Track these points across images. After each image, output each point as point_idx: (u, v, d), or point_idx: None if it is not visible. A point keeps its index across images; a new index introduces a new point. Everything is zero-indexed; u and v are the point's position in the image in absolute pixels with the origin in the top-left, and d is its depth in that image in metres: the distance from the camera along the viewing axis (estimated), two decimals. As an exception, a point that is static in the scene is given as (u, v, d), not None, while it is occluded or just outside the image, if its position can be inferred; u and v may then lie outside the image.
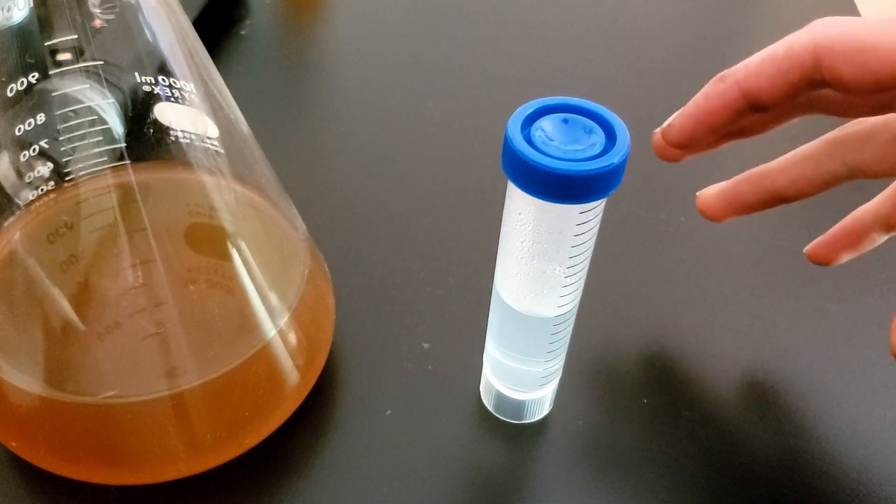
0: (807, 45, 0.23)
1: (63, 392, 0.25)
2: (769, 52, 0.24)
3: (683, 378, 0.32)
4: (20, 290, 0.27)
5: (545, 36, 0.53)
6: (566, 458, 0.29)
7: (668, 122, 0.27)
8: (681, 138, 0.26)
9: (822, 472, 0.29)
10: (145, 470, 0.27)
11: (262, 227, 0.30)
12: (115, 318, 0.27)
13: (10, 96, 0.23)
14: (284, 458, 0.29)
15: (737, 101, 0.25)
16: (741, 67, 0.25)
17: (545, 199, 0.22)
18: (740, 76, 0.25)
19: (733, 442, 0.30)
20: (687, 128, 0.26)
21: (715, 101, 0.25)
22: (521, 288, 0.26)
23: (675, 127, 0.26)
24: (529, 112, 0.23)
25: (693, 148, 0.27)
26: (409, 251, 0.37)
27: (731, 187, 0.30)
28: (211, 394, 0.26)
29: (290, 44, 0.52)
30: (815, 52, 0.23)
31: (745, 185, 0.30)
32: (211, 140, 0.27)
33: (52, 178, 0.26)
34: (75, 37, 0.23)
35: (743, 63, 0.25)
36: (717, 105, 0.25)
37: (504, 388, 0.29)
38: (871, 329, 0.34)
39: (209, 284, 0.28)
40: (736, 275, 0.36)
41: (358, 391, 0.31)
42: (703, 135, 0.26)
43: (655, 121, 0.28)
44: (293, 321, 0.28)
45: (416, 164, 0.42)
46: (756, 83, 0.24)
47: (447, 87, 0.48)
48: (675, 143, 0.26)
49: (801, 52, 0.23)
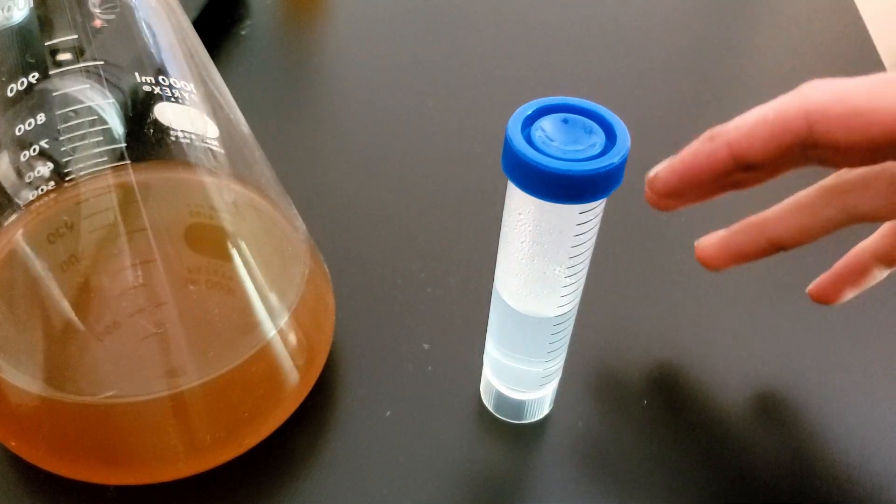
0: (798, 110, 0.23)
1: (63, 392, 0.25)
2: (760, 115, 0.24)
3: (683, 379, 0.32)
4: (20, 290, 0.27)
5: (545, 36, 0.53)
6: (566, 458, 0.29)
7: (654, 172, 0.26)
8: (665, 191, 0.26)
9: (823, 474, 0.29)
10: (145, 470, 0.27)
11: (262, 227, 0.30)
12: (114, 318, 0.27)
13: (11, 96, 0.23)
14: (284, 458, 0.29)
15: (725, 163, 0.24)
16: (732, 128, 0.24)
17: (545, 199, 0.22)
18: (731, 138, 0.24)
19: (733, 443, 0.30)
20: (671, 182, 0.25)
21: (702, 160, 0.25)
22: (521, 288, 0.26)
23: (659, 179, 0.26)
24: (529, 112, 0.23)
25: (680, 200, 0.26)
26: (409, 251, 0.37)
27: (730, 237, 0.30)
28: (211, 394, 0.26)
29: (290, 44, 0.52)
30: (808, 118, 0.22)
31: (744, 236, 0.30)
32: (211, 140, 0.27)
33: (52, 178, 0.26)
34: (75, 37, 0.23)
35: (734, 124, 0.24)
36: (704, 165, 0.25)
37: (504, 388, 0.29)
38: (871, 331, 0.34)
39: (209, 284, 0.28)
40: (736, 276, 0.36)
41: (358, 391, 0.31)
42: (687, 190, 0.26)
43: (655, 121, 0.28)
44: (293, 321, 0.28)
45: (416, 165, 0.42)
46: (747, 145, 0.24)
47: (447, 87, 0.48)
48: (660, 195, 0.26)
49: (793, 117, 0.23)
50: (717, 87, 0.49)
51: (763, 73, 0.50)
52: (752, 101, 0.25)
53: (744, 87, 0.49)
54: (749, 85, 0.49)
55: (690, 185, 0.25)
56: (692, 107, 0.47)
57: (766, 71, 0.51)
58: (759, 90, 0.48)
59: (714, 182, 0.25)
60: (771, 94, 0.24)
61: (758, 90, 0.48)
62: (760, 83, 0.49)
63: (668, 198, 0.26)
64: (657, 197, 0.26)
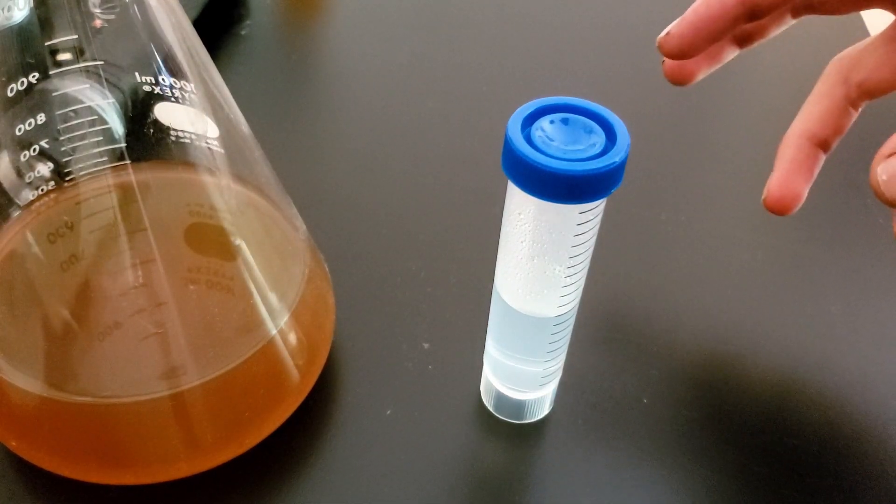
0: None
1: (63, 392, 0.25)
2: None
3: (683, 378, 0.32)
4: (20, 290, 0.27)
5: (545, 36, 0.53)
6: (566, 458, 0.29)
7: (666, 31, 0.27)
8: (680, 46, 0.27)
9: (823, 472, 0.29)
10: (145, 470, 0.27)
11: (262, 227, 0.30)
12: (115, 318, 0.27)
13: (11, 96, 0.23)
14: (284, 458, 0.29)
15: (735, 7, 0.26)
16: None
17: (545, 199, 0.22)
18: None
19: (733, 442, 0.30)
20: (686, 35, 0.27)
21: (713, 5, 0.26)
22: (521, 288, 0.26)
23: (673, 35, 0.27)
24: (529, 112, 0.23)
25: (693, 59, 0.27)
26: (409, 251, 0.37)
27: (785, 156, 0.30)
28: (211, 394, 0.26)
29: (290, 44, 0.52)
30: None
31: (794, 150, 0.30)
32: (211, 140, 0.27)
33: (52, 177, 0.26)
34: (75, 37, 0.23)
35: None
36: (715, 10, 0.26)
37: (504, 388, 0.29)
38: (871, 329, 0.34)
39: (209, 284, 0.28)
40: (736, 275, 0.36)
41: (358, 391, 0.31)
42: (702, 42, 0.26)
43: (655, 121, 0.28)
44: (293, 321, 0.28)
45: (416, 164, 0.42)
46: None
47: (447, 87, 0.48)
48: (675, 50, 0.27)
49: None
50: (716, 87, 0.49)
51: (763, 72, 0.50)
52: (752, 100, 0.25)
53: (744, 87, 0.49)
54: (749, 84, 0.49)
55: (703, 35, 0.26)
56: (692, 106, 0.47)
57: (765, 71, 0.51)
58: (759, 90, 0.48)
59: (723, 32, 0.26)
60: (771, 94, 0.24)
61: (758, 90, 0.48)
62: (760, 83, 0.49)
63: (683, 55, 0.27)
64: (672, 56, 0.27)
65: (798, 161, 0.29)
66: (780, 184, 0.29)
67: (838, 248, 0.31)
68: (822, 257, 0.32)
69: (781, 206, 0.29)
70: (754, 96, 0.48)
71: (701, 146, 0.44)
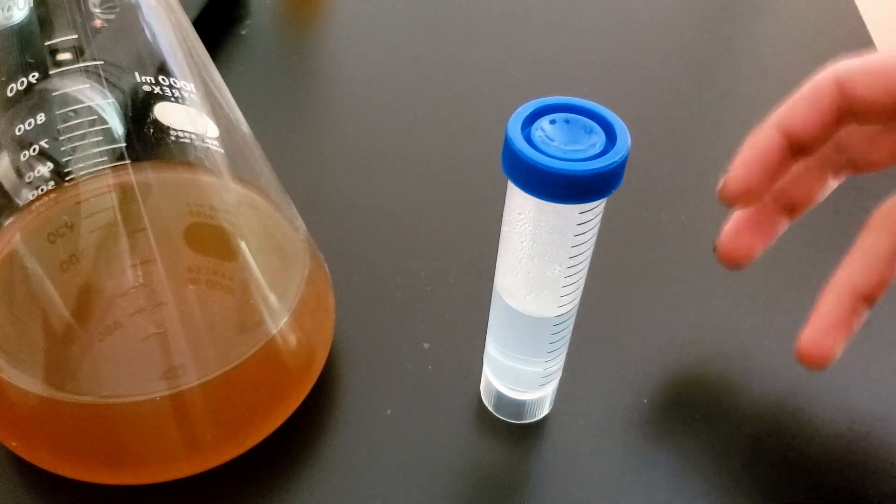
0: (828, 76, 0.27)
1: (63, 392, 0.25)
2: (797, 93, 0.28)
3: (684, 378, 0.32)
4: (20, 290, 0.27)
5: (545, 36, 0.53)
6: (566, 458, 0.29)
7: (723, 181, 0.28)
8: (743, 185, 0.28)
9: (824, 471, 0.29)
10: (145, 470, 0.27)
11: (262, 227, 0.30)
12: (115, 317, 0.27)
13: (10, 96, 0.23)
14: (284, 459, 0.29)
15: (779, 141, 0.27)
16: (773, 112, 0.28)
17: (545, 199, 0.22)
18: (775, 118, 0.28)
19: (734, 441, 0.30)
20: (741, 177, 0.28)
21: (761, 143, 0.28)
22: (521, 288, 0.26)
23: (730, 179, 0.28)
24: (529, 112, 0.23)
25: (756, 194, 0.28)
26: (409, 251, 0.37)
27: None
28: (211, 394, 0.26)
29: (290, 44, 0.52)
30: (837, 81, 0.27)
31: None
32: (211, 140, 0.27)
33: (52, 177, 0.26)
34: (75, 37, 0.23)
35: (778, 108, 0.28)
36: (762, 146, 0.27)
37: (504, 388, 0.29)
38: (872, 329, 0.34)
39: (209, 284, 0.28)
40: (736, 274, 0.36)
41: (358, 391, 0.31)
42: (758, 179, 0.28)
43: (655, 121, 0.28)
44: (293, 321, 0.28)
45: (416, 164, 0.42)
46: (791, 117, 0.27)
47: (447, 87, 0.48)
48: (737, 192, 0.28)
49: (824, 83, 0.27)
50: (716, 87, 0.49)
51: (763, 73, 0.50)
52: (752, 101, 0.25)
53: (744, 88, 0.49)
54: (749, 85, 0.49)
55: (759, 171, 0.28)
56: (692, 107, 0.47)
57: (766, 71, 0.51)
58: (759, 90, 0.48)
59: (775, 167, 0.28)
60: (771, 95, 0.24)
61: (758, 90, 0.48)
62: (760, 83, 0.49)
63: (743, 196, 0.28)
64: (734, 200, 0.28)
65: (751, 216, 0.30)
66: (732, 238, 0.30)
67: (838, 248, 0.31)
68: (823, 258, 0.32)
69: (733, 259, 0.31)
70: (754, 97, 0.48)
71: (701, 146, 0.44)
